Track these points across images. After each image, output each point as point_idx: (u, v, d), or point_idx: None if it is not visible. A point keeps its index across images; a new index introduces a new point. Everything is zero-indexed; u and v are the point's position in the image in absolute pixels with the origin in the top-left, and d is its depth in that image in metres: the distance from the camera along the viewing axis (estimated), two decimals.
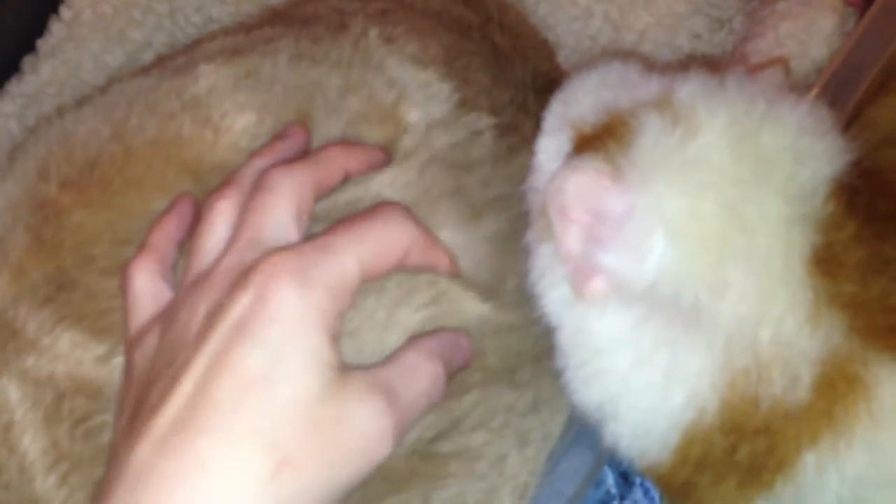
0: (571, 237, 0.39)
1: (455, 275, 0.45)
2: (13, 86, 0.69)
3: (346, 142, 0.46)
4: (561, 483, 0.49)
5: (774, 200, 0.38)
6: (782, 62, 0.46)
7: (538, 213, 0.43)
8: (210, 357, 0.36)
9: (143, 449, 0.35)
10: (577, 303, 0.40)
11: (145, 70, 0.54)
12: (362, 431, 0.37)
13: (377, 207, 0.42)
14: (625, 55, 0.50)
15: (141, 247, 0.44)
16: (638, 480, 0.56)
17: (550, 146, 0.43)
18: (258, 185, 0.41)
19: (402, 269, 0.42)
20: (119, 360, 0.43)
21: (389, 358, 0.40)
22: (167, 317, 0.40)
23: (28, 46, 0.70)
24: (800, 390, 0.37)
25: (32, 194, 0.47)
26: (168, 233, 0.44)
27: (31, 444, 0.43)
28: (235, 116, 0.46)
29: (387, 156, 0.47)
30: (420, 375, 0.40)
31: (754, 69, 0.45)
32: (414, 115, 0.49)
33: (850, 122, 0.54)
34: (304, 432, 0.35)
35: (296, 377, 0.36)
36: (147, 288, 0.42)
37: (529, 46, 0.61)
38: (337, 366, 0.37)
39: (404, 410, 0.38)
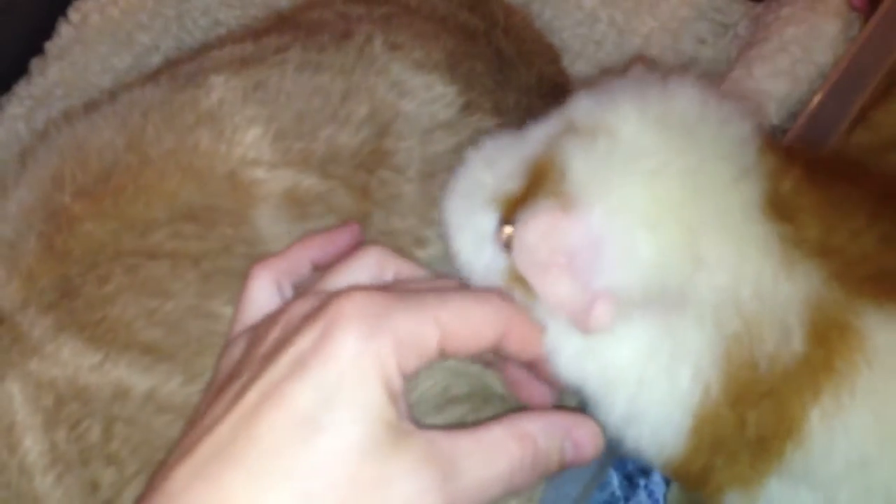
0: (556, 282, 0.39)
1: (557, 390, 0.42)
2: (21, 87, 0.70)
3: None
4: (566, 485, 0.49)
5: (715, 162, 0.39)
6: (642, 60, 0.47)
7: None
8: (264, 387, 0.34)
9: (182, 472, 0.33)
10: (591, 348, 0.40)
11: (154, 76, 0.54)
12: (405, 498, 0.33)
13: (475, 288, 0.40)
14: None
15: (279, 252, 0.43)
16: (642, 483, 0.56)
17: (471, 238, 0.42)
18: None
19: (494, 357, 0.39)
20: (109, 367, 0.44)
21: (473, 428, 0.36)
22: (256, 331, 0.38)
23: (36, 48, 0.71)
24: (793, 342, 0.37)
25: (46, 202, 0.47)
26: (307, 248, 0.43)
27: (32, 445, 0.43)
28: (245, 131, 0.47)
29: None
30: (499, 457, 0.36)
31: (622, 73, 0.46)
32: (409, 106, 0.50)
33: (855, 126, 0.55)
34: (339, 489, 0.33)
35: (343, 426, 0.33)
36: (260, 294, 0.41)
37: (534, 51, 0.62)
38: (393, 424, 0.34)
39: (464, 492, 0.35)
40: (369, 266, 0.40)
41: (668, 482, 0.56)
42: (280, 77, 0.50)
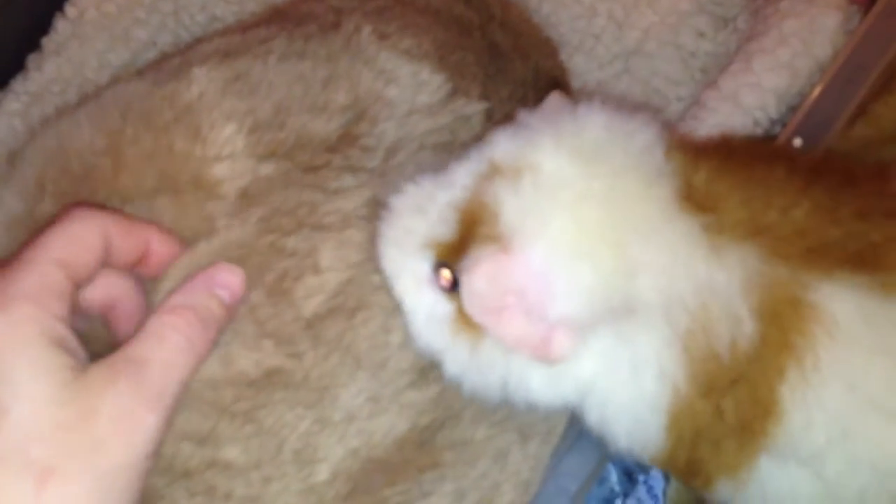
0: (510, 323, 0.40)
1: (174, 249, 0.44)
2: (18, 83, 0.69)
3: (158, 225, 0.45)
4: (565, 480, 0.49)
5: (626, 173, 0.40)
6: (557, 90, 0.48)
7: (438, 351, 0.43)
8: None
9: None
10: (558, 374, 0.41)
11: (141, 71, 0.54)
12: (111, 415, 0.36)
13: (63, 212, 0.41)
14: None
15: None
16: (641, 478, 0.56)
17: (411, 284, 0.43)
18: None
19: (113, 260, 0.42)
20: None
21: (138, 331, 0.40)
22: None
23: (33, 44, 0.70)
24: (745, 326, 0.38)
25: (31, 211, 0.47)
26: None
27: None
28: (221, 128, 0.47)
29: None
30: (168, 336, 0.39)
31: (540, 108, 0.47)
32: (393, 94, 0.50)
33: (854, 119, 0.54)
34: (56, 438, 0.35)
35: (26, 391, 0.36)
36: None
37: (531, 45, 0.61)
38: (71, 366, 0.37)
39: (159, 380, 0.38)
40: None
41: (667, 478, 0.56)
42: (262, 67, 0.50)
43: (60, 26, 0.70)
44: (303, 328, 0.44)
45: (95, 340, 0.43)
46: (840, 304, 0.38)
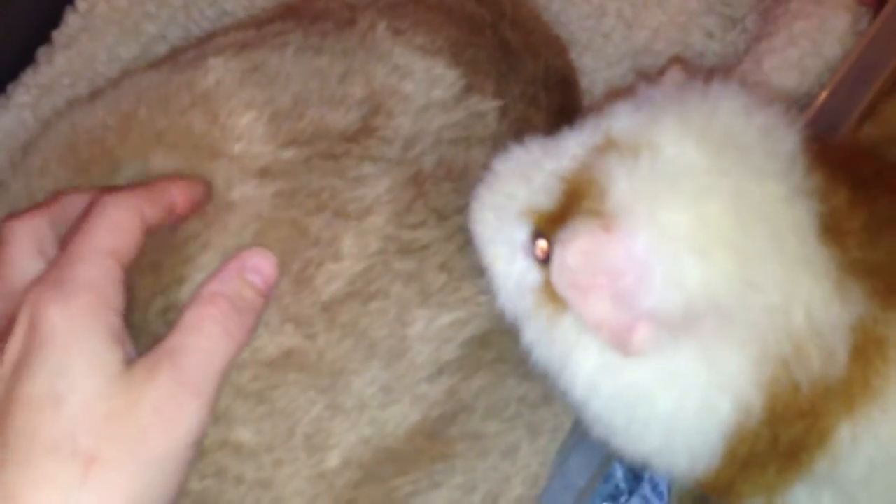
0: (596, 304, 0.38)
1: (201, 200, 0.45)
2: (28, 76, 0.69)
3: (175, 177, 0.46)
4: (572, 475, 0.49)
5: (764, 181, 0.38)
6: (677, 61, 0.46)
7: (531, 311, 0.42)
8: (2, 398, 0.38)
9: None
10: (613, 364, 0.40)
11: (156, 64, 0.54)
12: (153, 406, 0.38)
13: (92, 205, 0.42)
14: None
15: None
16: (647, 475, 0.56)
17: (502, 250, 0.42)
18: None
19: (147, 228, 0.42)
20: None
21: (178, 323, 0.41)
22: None
23: (44, 37, 0.70)
24: (837, 364, 0.37)
25: (31, 190, 0.47)
26: (71, 202, 0.44)
27: None
28: (241, 115, 0.47)
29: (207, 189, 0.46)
30: (205, 325, 0.40)
31: (655, 77, 0.45)
32: (409, 88, 0.50)
33: (863, 120, 0.54)
34: (102, 429, 0.37)
35: (81, 383, 0.37)
36: (20, 257, 0.42)
37: (541, 43, 0.61)
38: (122, 359, 0.38)
39: (199, 365, 0.39)
40: (32, 247, 0.42)
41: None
42: (280, 59, 0.50)
43: (71, 20, 0.70)
44: (319, 311, 0.44)
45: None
46: None
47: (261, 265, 0.43)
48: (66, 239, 0.41)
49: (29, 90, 0.69)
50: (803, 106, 0.57)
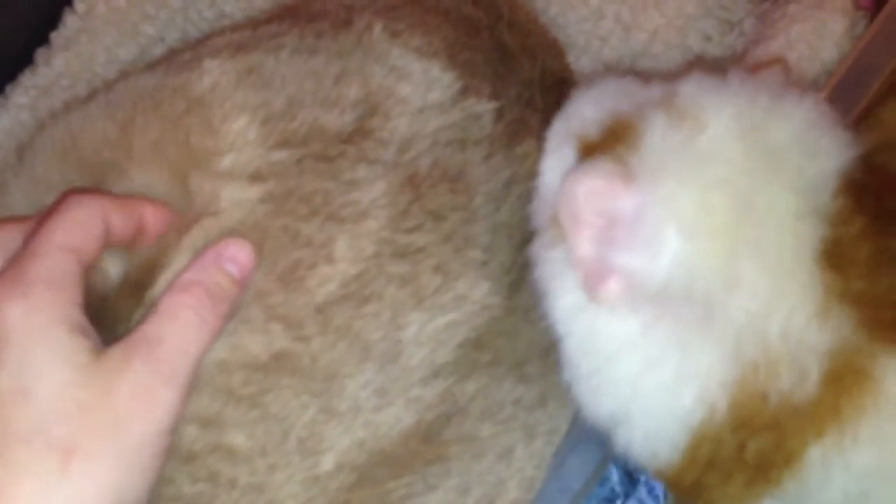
0: (584, 240, 0.40)
1: (167, 218, 0.45)
2: (26, 77, 0.69)
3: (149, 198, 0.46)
4: (568, 478, 0.49)
5: (784, 193, 0.39)
6: (782, 62, 0.46)
7: (547, 224, 0.43)
8: None
9: None
10: (587, 309, 0.41)
11: (152, 66, 0.54)
12: (129, 394, 0.38)
13: (61, 199, 0.42)
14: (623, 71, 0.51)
15: None
16: (642, 479, 0.56)
17: (554, 164, 0.44)
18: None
19: (112, 239, 0.42)
20: None
21: (153, 310, 0.41)
22: None
23: (42, 39, 0.71)
24: (807, 385, 0.37)
25: (39, 205, 0.47)
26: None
27: None
28: (234, 120, 0.47)
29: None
30: (180, 313, 0.40)
31: (755, 69, 0.46)
32: (405, 90, 0.50)
33: (860, 124, 0.55)
34: (77, 419, 0.37)
35: (47, 375, 0.37)
36: None
37: (538, 45, 0.61)
38: (90, 349, 0.38)
39: (174, 352, 0.39)
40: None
41: None
42: (275, 61, 0.50)
43: (69, 21, 0.70)
44: (312, 313, 0.44)
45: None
46: (895, 378, 0.38)
47: (237, 255, 0.43)
48: (28, 236, 0.41)
49: (27, 91, 0.69)
50: None
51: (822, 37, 0.58)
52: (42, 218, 0.42)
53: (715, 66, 0.43)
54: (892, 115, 0.54)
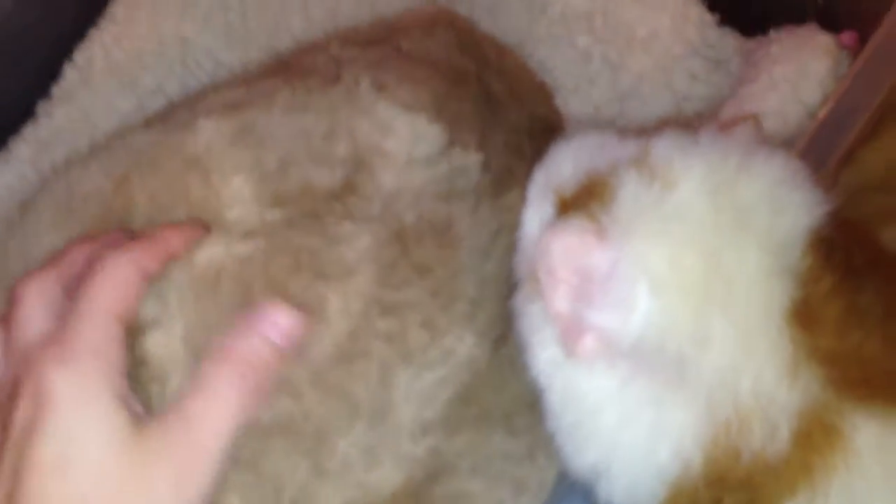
0: (560, 297, 0.41)
1: (199, 232, 0.46)
2: (28, 131, 0.71)
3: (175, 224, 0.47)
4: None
5: (753, 252, 0.39)
6: (753, 119, 0.47)
7: (527, 277, 0.44)
8: (13, 463, 0.38)
9: None
10: (567, 363, 0.42)
11: (149, 123, 0.55)
12: (168, 472, 0.38)
13: (92, 264, 0.42)
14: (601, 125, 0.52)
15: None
16: None
17: (535, 215, 0.45)
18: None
19: (150, 278, 0.43)
20: None
21: (193, 381, 0.41)
22: None
23: (43, 92, 0.72)
24: (778, 442, 0.38)
25: (31, 256, 0.48)
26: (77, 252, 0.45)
27: None
28: (230, 178, 0.48)
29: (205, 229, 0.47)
30: (222, 389, 0.40)
31: (726, 126, 0.47)
32: (391, 145, 0.51)
33: (843, 165, 0.55)
34: (116, 494, 0.37)
35: (90, 448, 0.38)
36: (32, 312, 0.43)
37: (526, 91, 0.62)
38: (131, 421, 0.38)
39: (212, 431, 0.40)
40: (43, 303, 0.42)
41: None
42: (267, 119, 0.51)
43: (70, 74, 0.72)
44: (306, 372, 0.45)
45: None
46: (866, 435, 0.38)
47: (282, 322, 0.43)
48: (70, 298, 0.42)
49: (29, 145, 0.70)
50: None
51: (804, 77, 0.58)
52: (83, 279, 0.42)
53: (688, 124, 0.44)
54: (873, 155, 0.55)
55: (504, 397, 0.48)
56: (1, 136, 0.71)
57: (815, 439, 0.38)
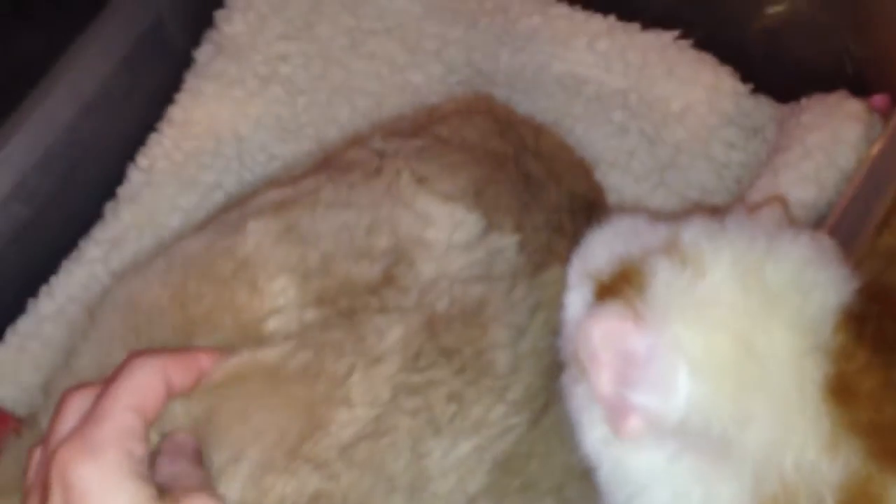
0: (603, 380, 0.42)
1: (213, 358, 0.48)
2: (97, 231, 0.75)
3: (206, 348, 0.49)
4: None
5: (785, 332, 0.40)
6: (780, 200, 0.48)
7: (571, 359, 0.45)
8: None
9: None
10: (614, 441, 0.43)
11: (203, 226, 0.58)
12: None
13: (125, 362, 0.46)
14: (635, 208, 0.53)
15: None
16: None
17: (575, 299, 0.46)
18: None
19: (174, 391, 0.46)
20: None
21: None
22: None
23: (110, 193, 0.76)
24: None
25: (101, 365, 0.51)
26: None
27: None
28: (275, 279, 0.50)
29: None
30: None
31: (753, 208, 0.48)
32: (431, 235, 0.53)
33: (882, 229, 0.55)
34: None
35: None
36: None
37: (565, 169, 0.64)
38: (154, 496, 0.41)
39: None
40: (75, 409, 0.45)
41: None
42: (311, 217, 0.53)
43: (133, 176, 0.76)
44: (336, 453, 0.46)
45: None
46: None
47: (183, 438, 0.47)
48: (98, 397, 0.45)
49: (99, 244, 0.74)
50: (822, 218, 0.58)
51: (838, 143, 0.59)
52: (110, 381, 0.45)
53: (716, 210, 0.45)
54: None
55: (552, 467, 0.49)
56: (71, 238, 0.75)
57: None
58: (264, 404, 0.47)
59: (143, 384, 0.45)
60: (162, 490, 0.43)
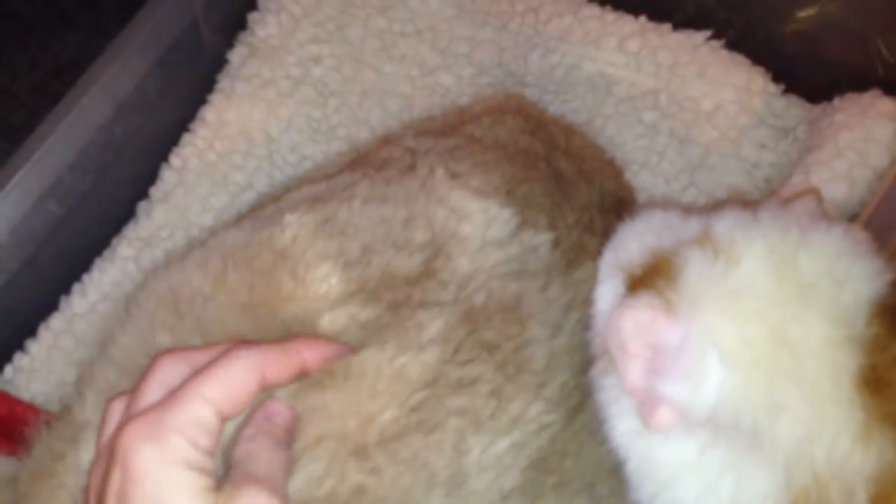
0: (634, 371, 0.42)
1: (328, 352, 0.48)
2: (130, 230, 0.76)
3: (310, 337, 0.49)
4: None
5: (818, 323, 0.40)
6: (814, 193, 0.48)
7: (601, 352, 0.45)
8: None
9: None
10: (644, 433, 0.43)
11: (239, 221, 0.59)
12: None
13: (224, 350, 0.45)
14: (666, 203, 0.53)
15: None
16: None
17: (606, 293, 0.46)
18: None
19: (272, 386, 0.45)
20: None
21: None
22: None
23: (142, 193, 0.77)
24: None
25: (147, 347, 0.52)
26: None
27: None
28: (316, 267, 0.51)
29: (348, 348, 0.49)
30: (257, 440, 0.44)
31: (787, 201, 0.48)
32: (467, 230, 0.53)
33: None
34: None
35: None
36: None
37: (595, 169, 0.64)
38: (210, 488, 0.41)
39: (268, 469, 0.43)
40: (163, 380, 0.45)
41: None
42: (348, 211, 0.54)
43: (166, 175, 0.77)
44: (379, 445, 0.46)
45: None
46: None
47: (278, 410, 0.46)
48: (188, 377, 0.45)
49: (131, 243, 0.75)
50: (853, 216, 0.58)
51: (870, 143, 0.59)
52: (206, 364, 0.45)
53: (748, 203, 0.45)
54: None
55: (584, 465, 0.49)
56: (105, 237, 0.76)
57: (893, 503, 0.38)
58: (328, 399, 0.47)
59: (234, 379, 0.44)
60: (228, 466, 0.43)
